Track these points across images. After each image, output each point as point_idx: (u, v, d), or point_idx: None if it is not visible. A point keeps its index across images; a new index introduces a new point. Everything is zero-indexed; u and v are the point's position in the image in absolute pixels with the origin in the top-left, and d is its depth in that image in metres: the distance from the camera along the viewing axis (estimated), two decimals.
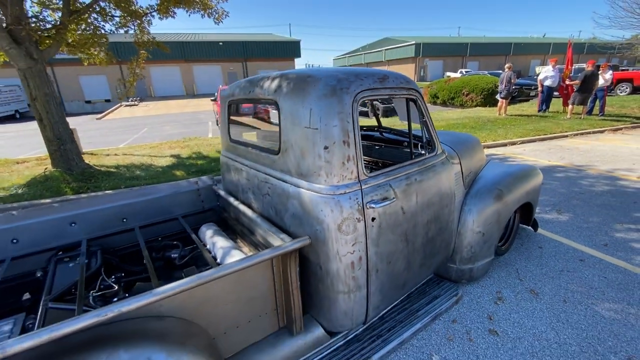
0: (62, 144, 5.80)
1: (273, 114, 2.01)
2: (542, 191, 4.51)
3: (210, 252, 2.16)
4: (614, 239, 3.17)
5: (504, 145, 7.61)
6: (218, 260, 2.02)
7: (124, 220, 2.43)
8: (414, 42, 36.61)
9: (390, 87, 1.86)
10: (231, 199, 2.44)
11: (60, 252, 2.17)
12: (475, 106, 14.40)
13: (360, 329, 2.00)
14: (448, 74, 28.97)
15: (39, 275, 2.02)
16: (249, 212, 2.16)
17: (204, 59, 30.37)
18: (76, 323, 1.07)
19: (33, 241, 2.13)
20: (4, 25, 4.94)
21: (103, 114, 21.85)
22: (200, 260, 2.36)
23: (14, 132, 15.92)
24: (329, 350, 1.87)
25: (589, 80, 9.58)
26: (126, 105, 25.64)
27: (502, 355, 1.92)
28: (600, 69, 10.00)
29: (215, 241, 2.22)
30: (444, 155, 2.28)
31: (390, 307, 2.19)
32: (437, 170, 2.14)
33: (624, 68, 19.93)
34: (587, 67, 9.79)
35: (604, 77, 9.88)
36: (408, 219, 1.92)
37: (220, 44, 30.54)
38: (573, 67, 12.20)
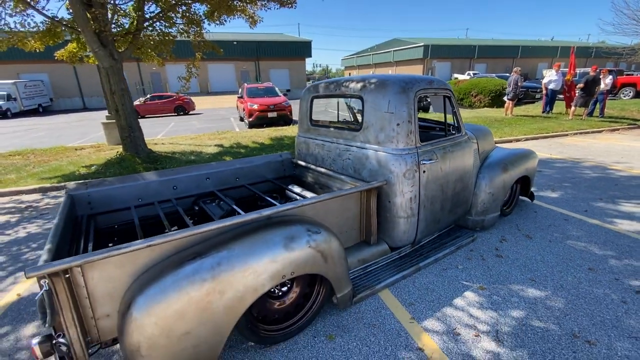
0: (132, 132, 6.85)
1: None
2: (539, 176, 5.45)
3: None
4: (593, 207, 4.11)
5: (510, 142, 8.51)
6: None
7: (237, 179, 3.43)
8: (422, 43, 37.17)
9: (435, 88, 2.83)
10: (311, 166, 3.42)
11: (200, 199, 3.17)
12: (484, 107, 15.25)
13: (409, 250, 2.99)
14: (456, 75, 29.71)
15: (196, 208, 3.03)
16: (329, 172, 3.14)
17: (218, 58, 31.16)
18: (284, 207, 2.05)
19: (184, 189, 3.14)
20: (94, 30, 5.99)
21: None
22: None
23: (46, 124, 17.02)
24: (389, 260, 2.85)
25: (591, 84, 10.44)
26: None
27: (504, 266, 2.88)
28: (602, 74, 10.85)
29: (305, 194, 3.21)
30: (467, 137, 3.24)
31: (428, 239, 3.16)
32: (462, 145, 3.10)
33: (628, 73, 20.58)
34: (590, 72, 10.64)
35: (605, 82, 10.74)
36: (444, 176, 2.89)
37: (234, 43, 31.57)
38: (577, 72, 13.01)
